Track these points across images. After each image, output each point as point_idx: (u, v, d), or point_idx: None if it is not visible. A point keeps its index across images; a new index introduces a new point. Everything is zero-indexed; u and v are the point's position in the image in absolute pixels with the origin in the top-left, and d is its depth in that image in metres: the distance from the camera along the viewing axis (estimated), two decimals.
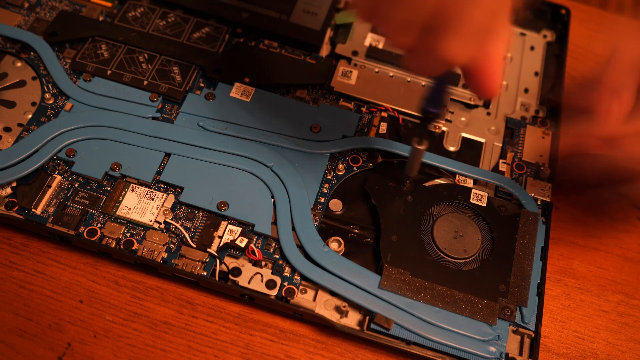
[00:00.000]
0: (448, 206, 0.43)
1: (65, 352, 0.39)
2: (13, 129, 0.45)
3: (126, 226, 0.41)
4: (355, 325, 0.39)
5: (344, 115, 0.47)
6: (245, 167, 0.44)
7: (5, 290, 0.40)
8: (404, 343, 0.38)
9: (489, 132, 0.48)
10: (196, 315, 0.40)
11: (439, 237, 0.42)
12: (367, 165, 0.46)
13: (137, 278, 0.41)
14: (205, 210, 0.42)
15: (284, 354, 0.40)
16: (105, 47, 0.49)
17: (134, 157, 0.44)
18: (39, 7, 0.52)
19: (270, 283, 0.39)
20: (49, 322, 0.39)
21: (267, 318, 0.41)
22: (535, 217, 0.43)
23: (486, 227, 0.43)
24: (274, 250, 0.41)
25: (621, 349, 0.41)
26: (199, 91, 0.48)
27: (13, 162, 0.43)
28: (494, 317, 0.39)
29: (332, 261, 0.40)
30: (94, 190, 0.43)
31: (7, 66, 0.48)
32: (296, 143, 0.45)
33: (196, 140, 0.45)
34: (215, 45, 0.50)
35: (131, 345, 0.39)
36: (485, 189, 0.45)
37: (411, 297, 0.39)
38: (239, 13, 0.52)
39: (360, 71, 0.50)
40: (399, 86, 0.49)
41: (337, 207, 0.44)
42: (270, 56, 0.50)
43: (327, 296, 0.40)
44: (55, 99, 0.47)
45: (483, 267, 0.41)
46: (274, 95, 0.48)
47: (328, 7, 0.53)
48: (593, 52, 0.57)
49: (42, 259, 0.42)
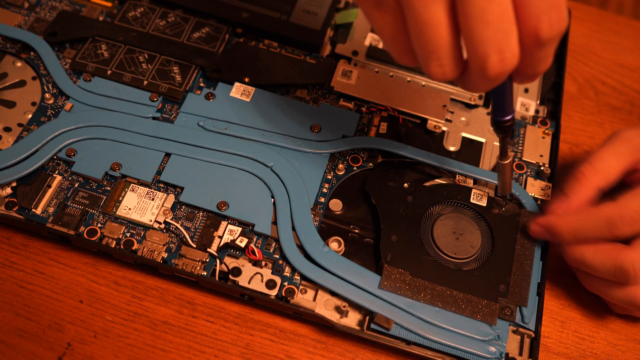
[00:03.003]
0: (448, 206, 0.43)
1: (65, 352, 0.39)
2: (13, 129, 0.45)
3: (126, 226, 0.41)
4: (355, 325, 0.39)
5: (344, 115, 0.47)
6: (245, 167, 0.44)
7: (5, 290, 0.40)
8: (404, 343, 0.38)
9: (489, 132, 0.48)
10: (196, 315, 0.40)
11: (439, 237, 0.42)
12: (367, 165, 0.46)
13: (137, 278, 0.41)
14: (205, 210, 0.42)
15: (284, 354, 0.40)
16: (105, 47, 0.49)
17: (134, 157, 0.44)
18: (39, 7, 0.52)
19: (270, 283, 0.39)
20: (49, 322, 0.39)
21: (267, 318, 0.41)
22: (535, 217, 0.43)
23: (486, 227, 0.43)
24: (274, 250, 0.41)
25: (621, 349, 0.41)
26: (199, 91, 0.48)
27: (13, 162, 0.43)
28: (494, 317, 0.39)
29: (332, 261, 0.40)
30: (94, 190, 0.43)
31: (7, 66, 0.48)
32: (296, 143, 0.45)
33: (196, 140, 0.45)
34: (215, 45, 0.50)
35: (131, 345, 0.39)
36: (485, 189, 0.45)
37: (411, 297, 0.39)
38: (239, 13, 0.52)
39: (360, 71, 0.50)
40: (399, 86, 0.49)
41: (337, 207, 0.44)
42: (270, 56, 0.50)
43: (327, 296, 0.40)
44: (55, 99, 0.47)
45: (483, 267, 0.41)
46: (274, 95, 0.48)
47: (328, 7, 0.53)
48: (593, 52, 0.57)
49: (42, 259, 0.42)
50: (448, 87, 0.50)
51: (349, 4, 0.55)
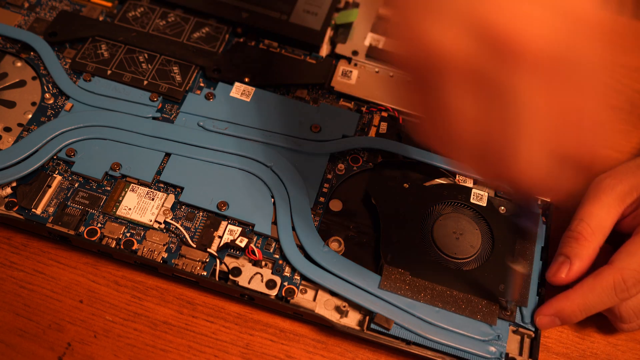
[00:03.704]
0: (448, 206, 0.43)
1: (65, 352, 0.39)
2: (13, 129, 0.45)
3: (126, 226, 0.41)
4: (355, 325, 0.39)
5: (344, 115, 0.47)
6: (245, 167, 0.44)
7: (5, 290, 0.40)
8: (404, 343, 0.38)
9: None
10: (196, 315, 0.40)
11: (439, 237, 0.42)
12: (367, 165, 0.46)
13: (137, 278, 0.41)
14: (205, 210, 0.42)
15: (284, 354, 0.40)
16: (105, 47, 0.49)
17: (134, 157, 0.44)
18: (39, 7, 0.52)
19: (270, 283, 0.39)
20: (49, 322, 0.39)
21: (267, 318, 0.41)
22: (535, 217, 0.43)
23: (486, 227, 0.43)
24: (274, 250, 0.41)
25: (621, 349, 0.41)
26: (199, 91, 0.48)
27: (13, 162, 0.43)
28: (494, 317, 0.39)
29: (332, 261, 0.40)
30: (94, 190, 0.43)
31: (7, 66, 0.48)
32: (296, 143, 0.45)
33: (196, 140, 0.45)
34: (215, 45, 0.50)
35: (131, 345, 0.39)
36: (485, 189, 0.45)
37: (411, 297, 0.39)
38: (239, 13, 0.52)
39: (360, 71, 0.50)
40: (399, 86, 0.49)
41: (337, 207, 0.44)
42: (270, 56, 0.50)
43: (327, 296, 0.40)
44: (55, 99, 0.47)
45: (483, 267, 0.41)
46: (274, 95, 0.48)
47: (328, 7, 0.53)
48: None
49: (42, 259, 0.42)
50: None
51: (349, 4, 0.55)
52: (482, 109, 0.25)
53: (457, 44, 0.24)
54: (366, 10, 0.54)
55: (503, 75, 0.24)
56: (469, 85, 0.25)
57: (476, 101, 0.25)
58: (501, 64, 0.24)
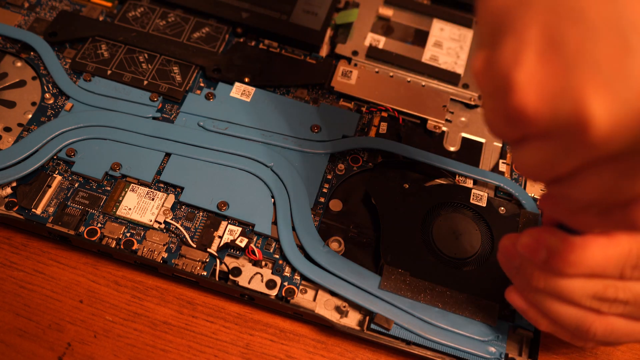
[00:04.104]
0: (448, 206, 0.43)
1: (65, 352, 0.39)
2: (13, 129, 0.45)
3: (126, 226, 0.41)
4: (355, 325, 0.39)
5: (344, 115, 0.47)
6: (245, 167, 0.44)
7: (5, 290, 0.40)
8: (404, 343, 0.38)
9: (489, 132, 0.48)
10: (196, 315, 0.40)
11: (439, 237, 0.42)
12: (367, 165, 0.46)
13: (137, 278, 0.41)
14: (205, 210, 0.42)
15: (284, 354, 0.40)
16: (105, 47, 0.49)
17: (134, 157, 0.44)
18: (39, 7, 0.52)
19: (270, 283, 0.39)
20: (49, 322, 0.39)
21: (267, 318, 0.41)
22: (535, 217, 0.43)
23: (486, 227, 0.43)
24: (274, 250, 0.41)
25: (621, 349, 0.41)
26: (199, 91, 0.48)
27: (13, 162, 0.43)
28: (494, 317, 0.39)
29: (332, 261, 0.40)
30: (94, 190, 0.43)
31: (7, 66, 0.48)
32: (296, 143, 0.45)
33: (196, 140, 0.45)
34: (215, 45, 0.50)
35: (131, 345, 0.39)
36: (485, 189, 0.45)
37: (411, 297, 0.39)
38: (239, 13, 0.52)
39: (360, 71, 0.50)
40: (399, 86, 0.49)
41: (337, 207, 0.44)
42: (270, 56, 0.50)
43: (327, 296, 0.40)
44: (55, 99, 0.47)
45: (483, 267, 0.41)
46: (274, 95, 0.48)
47: (328, 7, 0.53)
48: None
49: (42, 259, 0.42)
50: (448, 87, 0.50)
51: (349, 4, 0.55)
52: (614, 181, 0.24)
53: (618, 128, 0.21)
54: (366, 10, 0.54)
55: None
56: (611, 163, 0.23)
57: (612, 176, 0.24)
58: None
